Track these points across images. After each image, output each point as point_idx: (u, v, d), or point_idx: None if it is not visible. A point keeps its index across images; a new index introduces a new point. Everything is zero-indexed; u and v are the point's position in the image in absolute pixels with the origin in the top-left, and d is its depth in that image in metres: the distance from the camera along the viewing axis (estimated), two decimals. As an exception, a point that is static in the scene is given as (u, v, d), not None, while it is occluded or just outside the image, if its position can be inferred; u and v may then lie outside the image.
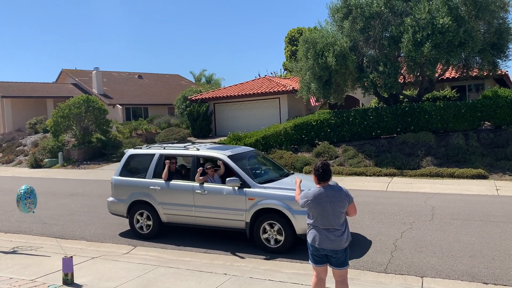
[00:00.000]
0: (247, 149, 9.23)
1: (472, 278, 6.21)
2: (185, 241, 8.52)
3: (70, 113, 23.48)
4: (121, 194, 8.95)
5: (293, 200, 6.95)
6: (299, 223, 7.11)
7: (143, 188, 8.65)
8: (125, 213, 8.91)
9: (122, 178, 9.05)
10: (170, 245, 8.37)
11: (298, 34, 37.18)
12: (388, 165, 15.66)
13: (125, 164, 9.17)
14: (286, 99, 25.25)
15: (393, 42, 16.60)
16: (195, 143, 9.78)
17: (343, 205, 4.74)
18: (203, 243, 8.37)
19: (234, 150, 8.71)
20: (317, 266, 4.84)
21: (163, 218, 8.50)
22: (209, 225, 8.15)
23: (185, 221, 8.37)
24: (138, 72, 43.12)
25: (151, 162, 8.73)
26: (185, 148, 8.82)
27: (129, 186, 8.85)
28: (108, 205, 9.26)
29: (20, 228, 10.23)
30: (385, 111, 17.70)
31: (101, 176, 19.00)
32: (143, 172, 8.86)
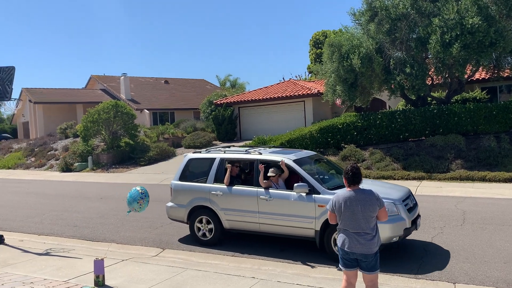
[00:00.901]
0: (310, 153, 8.93)
1: (508, 285, 6.03)
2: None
3: (99, 118, 23.98)
4: (181, 199, 8.72)
5: None
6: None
7: (204, 193, 8.40)
8: (185, 219, 8.67)
9: (182, 183, 8.80)
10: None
11: (322, 37, 37.02)
12: (417, 169, 15.39)
13: (184, 169, 8.92)
14: (311, 102, 25.13)
15: (421, 43, 16.34)
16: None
17: (374, 209, 4.70)
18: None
19: (298, 154, 8.39)
20: (347, 270, 4.80)
21: (226, 225, 8.22)
22: (274, 232, 7.82)
23: (248, 228, 8.06)
24: (164, 78, 43.78)
25: (212, 166, 8.49)
26: (246, 152, 8.54)
27: (189, 191, 8.62)
28: (167, 210, 9.01)
29: (53, 230, 10.51)
30: (413, 114, 17.41)
31: (129, 179, 19.34)
32: (203, 177, 8.64)
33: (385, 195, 7.02)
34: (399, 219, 6.86)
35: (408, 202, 7.37)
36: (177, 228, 9.94)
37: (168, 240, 9.09)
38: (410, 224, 7.02)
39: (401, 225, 6.86)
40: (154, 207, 12.73)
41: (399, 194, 7.36)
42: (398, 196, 7.24)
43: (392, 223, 6.66)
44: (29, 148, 30.01)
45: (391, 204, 6.86)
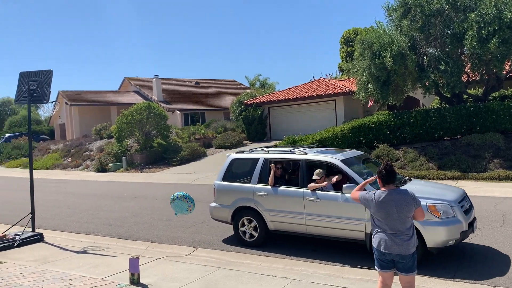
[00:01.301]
0: (357, 152, 8.70)
1: None
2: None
3: (133, 119, 24.48)
4: (224, 200, 8.66)
5: (423, 209, 6.46)
6: (430, 235, 6.48)
7: (248, 193, 8.30)
8: (229, 220, 8.59)
9: (225, 183, 8.72)
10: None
11: (353, 34, 36.52)
12: (452, 168, 14.95)
13: (227, 169, 8.84)
14: (342, 101, 24.84)
15: (456, 39, 15.85)
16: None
17: (410, 209, 4.58)
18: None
19: (346, 154, 8.18)
20: (383, 272, 4.70)
21: (270, 226, 8.09)
22: (321, 234, 7.64)
23: (294, 230, 7.89)
24: (195, 79, 44.27)
25: (256, 166, 8.38)
26: (291, 152, 8.39)
27: (233, 192, 8.54)
28: (211, 210, 8.96)
29: (89, 229, 10.80)
30: (448, 112, 16.92)
31: (162, 179, 19.66)
32: (246, 177, 8.56)
33: (440, 196, 6.85)
34: (455, 221, 6.57)
35: (464, 203, 7.06)
36: (209, 228, 10.03)
37: (201, 239, 9.18)
38: (467, 226, 6.73)
39: (458, 228, 6.58)
40: (186, 206, 12.88)
41: (454, 195, 7.08)
42: (453, 197, 6.96)
43: (448, 226, 6.47)
44: (66, 149, 30.95)
45: (447, 205, 6.63)
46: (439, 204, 6.61)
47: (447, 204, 6.64)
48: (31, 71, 10.00)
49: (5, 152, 32.87)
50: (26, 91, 9.84)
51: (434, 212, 6.53)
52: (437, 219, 6.49)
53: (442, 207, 6.58)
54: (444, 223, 6.48)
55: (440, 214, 6.52)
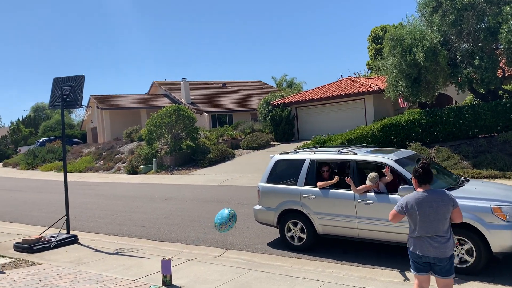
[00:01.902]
0: (410, 152, 8.28)
1: None
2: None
3: (162, 122, 24.81)
4: (269, 202, 8.40)
5: (487, 212, 6.16)
6: (496, 240, 6.09)
7: (294, 196, 8.02)
8: (274, 223, 8.34)
9: (270, 185, 8.47)
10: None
11: (382, 32, 35.97)
12: (488, 167, 14.44)
13: (272, 170, 8.59)
14: (372, 100, 24.42)
15: (490, 33, 15.32)
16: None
17: (448, 210, 4.42)
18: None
19: (398, 154, 7.77)
20: (419, 275, 4.56)
21: (319, 229, 7.79)
22: (375, 239, 7.26)
23: (345, 234, 7.56)
24: (222, 81, 44.57)
25: (302, 168, 8.07)
26: (339, 152, 8.03)
27: (279, 194, 8.26)
28: (255, 213, 8.73)
29: (122, 230, 10.97)
30: (482, 108, 16.37)
31: (191, 181, 19.83)
32: (291, 178, 8.28)
33: (504, 198, 6.49)
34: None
35: None
36: (239, 229, 10.02)
37: (231, 241, 9.17)
38: None
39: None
40: (216, 208, 12.94)
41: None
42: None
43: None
44: (98, 152, 31.66)
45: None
46: (505, 206, 6.19)
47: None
48: (64, 77, 10.24)
49: (40, 156, 33.89)
50: (60, 96, 10.08)
51: (500, 215, 6.12)
52: (503, 222, 6.07)
53: (508, 210, 6.17)
54: (511, 227, 6.06)
55: (507, 217, 6.10)
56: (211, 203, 13.80)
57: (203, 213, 12.16)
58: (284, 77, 49.88)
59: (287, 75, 53.81)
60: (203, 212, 12.39)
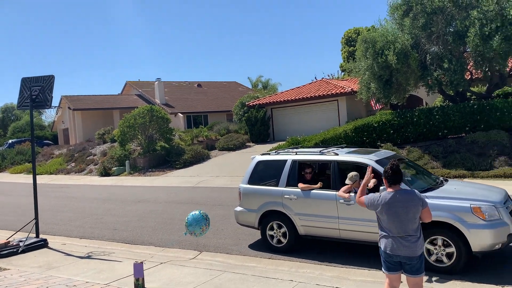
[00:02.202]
0: (390, 153, 8.28)
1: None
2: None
3: (135, 123, 24.48)
4: (251, 204, 8.30)
5: (467, 211, 6.23)
6: (475, 239, 6.14)
7: (276, 197, 7.94)
8: (256, 224, 8.25)
9: (251, 186, 8.37)
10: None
11: (355, 34, 36.48)
12: (457, 166, 14.85)
13: (253, 171, 8.47)
14: (345, 101, 24.76)
15: (458, 37, 15.76)
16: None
17: (417, 210, 4.52)
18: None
19: (379, 154, 7.77)
20: (390, 274, 4.64)
21: (301, 231, 7.73)
22: (356, 239, 7.24)
23: (327, 234, 7.54)
24: (197, 81, 44.31)
25: (283, 169, 8.00)
26: (321, 153, 7.99)
27: (260, 195, 8.18)
28: (236, 215, 8.63)
29: (93, 234, 10.77)
30: (451, 110, 16.83)
31: (165, 182, 19.63)
32: (273, 179, 8.20)
33: (484, 197, 6.57)
34: (501, 224, 6.24)
35: (508, 204, 6.74)
36: (213, 231, 9.97)
37: (205, 243, 9.13)
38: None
39: (504, 231, 6.24)
40: (191, 209, 12.84)
41: (498, 196, 6.77)
42: (498, 198, 6.65)
43: (494, 229, 6.15)
44: (69, 153, 30.98)
45: (492, 207, 6.30)
46: (485, 206, 6.28)
47: (492, 206, 6.32)
48: (33, 77, 9.99)
49: (8, 158, 32.94)
50: (28, 96, 9.83)
51: (479, 214, 6.20)
52: (482, 222, 6.16)
53: (487, 209, 6.26)
54: (490, 226, 6.14)
55: (486, 216, 6.19)
56: (186, 205, 13.70)
57: (177, 215, 12.06)
58: (259, 78, 49.96)
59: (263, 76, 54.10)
60: (177, 214, 12.28)
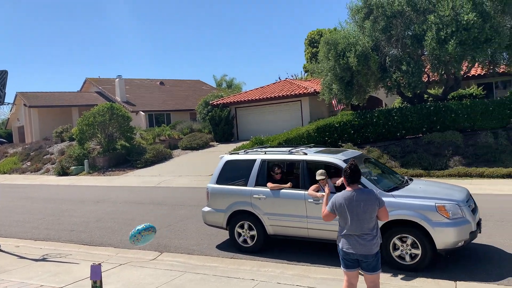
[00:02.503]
0: (356, 152, 8.38)
1: (508, 281, 5.98)
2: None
3: (95, 121, 23.86)
4: (219, 204, 8.18)
5: (432, 210, 6.35)
6: (440, 237, 6.27)
7: (245, 197, 7.86)
8: (224, 224, 8.13)
9: (219, 186, 8.24)
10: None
11: (318, 35, 36.97)
12: (415, 166, 15.35)
13: (221, 171, 8.34)
14: (308, 102, 25.07)
15: (416, 40, 16.30)
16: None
17: (374, 209, 4.61)
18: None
19: (346, 154, 7.81)
20: (348, 271, 4.73)
21: (269, 230, 7.70)
22: (325, 238, 7.20)
23: (295, 234, 7.53)
24: (159, 79, 43.65)
25: (252, 168, 7.93)
26: (290, 152, 7.94)
27: (229, 195, 8.08)
28: (204, 215, 8.49)
29: (49, 235, 10.39)
30: (409, 111, 17.38)
31: (126, 182, 19.23)
32: (241, 179, 8.13)
33: (447, 196, 6.71)
34: (464, 222, 6.38)
35: (471, 203, 6.92)
36: (175, 232, 9.87)
37: (166, 244, 8.99)
38: (475, 227, 6.58)
39: (467, 229, 6.40)
40: (151, 209, 12.64)
41: (461, 194, 6.91)
42: (461, 197, 6.78)
43: (457, 227, 6.30)
44: (25, 152, 29.81)
45: (455, 206, 6.43)
46: (449, 205, 6.42)
47: (456, 204, 6.45)
48: (-16, 72, 9.52)
49: (-42, 157, 31.34)
50: (-21, 92, 9.36)
51: (444, 213, 6.33)
52: (446, 220, 6.29)
53: (451, 208, 6.39)
54: (453, 224, 6.29)
55: (450, 214, 6.33)
56: (147, 205, 13.46)
57: (138, 216, 11.83)
58: (224, 77, 49.72)
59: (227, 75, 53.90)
60: (138, 214, 12.05)
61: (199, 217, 11.00)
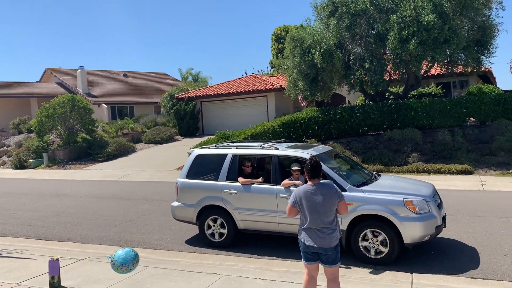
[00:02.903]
0: (327, 148, 8.42)
1: (460, 273, 6.27)
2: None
3: (55, 112, 23.14)
4: (189, 199, 8.09)
5: (400, 205, 6.48)
6: (407, 231, 6.40)
7: (216, 191, 7.81)
8: (193, 219, 8.05)
9: (189, 181, 8.14)
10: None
11: (284, 32, 37.17)
12: (375, 162, 15.75)
13: (191, 165, 8.25)
14: (274, 97, 25.23)
15: (379, 39, 16.67)
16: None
17: (333, 203, 4.72)
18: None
19: (317, 149, 7.85)
20: (308, 264, 4.82)
21: (240, 225, 7.67)
22: (295, 232, 7.15)
23: (266, 228, 7.52)
24: (123, 71, 42.73)
25: (224, 163, 7.88)
26: (261, 147, 7.93)
27: (199, 190, 8.00)
28: (173, 210, 8.34)
29: (4, 230, 10.03)
30: (371, 108, 17.79)
31: (87, 176, 18.77)
32: (212, 174, 8.06)
33: (415, 192, 6.85)
34: (430, 216, 6.54)
35: (436, 198, 7.08)
36: (137, 226, 9.75)
37: (128, 238, 8.87)
38: (441, 221, 6.75)
39: (433, 223, 6.56)
40: (113, 204, 12.41)
41: (428, 190, 7.08)
42: (427, 192, 6.94)
43: (424, 221, 6.44)
44: (-21, 144, 28.53)
45: (422, 201, 6.58)
46: (416, 200, 6.57)
47: (423, 199, 6.61)
48: None
49: None
50: None
51: (411, 208, 6.47)
52: (414, 215, 6.44)
53: (419, 203, 6.54)
54: (420, 219, 6.44)
55: (417, 209, 6.47)
56: (108, 199, 13.20)
57: (99, 210, 11.60)
58: (189, 70, 49.22)
59: (193, 69, 53.30)
60: (99, 209, 11.80)
61: (162, 211, 10.96)
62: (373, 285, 5.89)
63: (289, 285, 5.96)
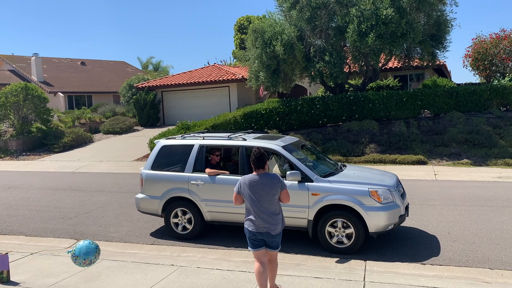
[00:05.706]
0: (294, 138, 8.36)
1: (411, 259, 6.52)
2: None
3: (7, 101, 22.16)
4: (154, 191, 7.93)
5: (365, 195, 6.59)
6: (372, 220, 6.53)
7: (182, 183, 7.69)
8: (159, 212, 7.92)
9: (155, 172, 7.98)
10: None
11: (247, 22, 37.06)
12: (334, 152, 16.05)
13: (157, 157, 8.08)
14: (236, 88, 25.15)
15: (339, 32, 16.91)
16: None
17: (276, 192, 4.97)
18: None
19: (284, 140, 7.87)
20: (256, 251, 5.04)
21: (207, 217, 7.60)
22: None
23: (233, 219, 7.44)
24: (80, 59, 41.38)
25: (190, 154, 7.77)
26: (228, 138, 7.84)
27: (165, 181, 7.85)
28: (137, 202, 8.16)
29: (-49, 224, 9.55)
30: (331, 100, 18.08)
31: (41, 167, 18.12)
32: (178, 165, 7.91)
33: (379, 182, 6.96)
34: (394, 206, 6.70)
35: (400, 188, 7.27)
36: (93, 218, 9.53)
37: (83, 231, 8.66)
38: (404, 210, 6.92)
39: (397, 212, 6.71)
40: (69, 196, 12.06)
41: (391, 180, 7.21)
42: (391, 182, 7.07)
43: (388, 211, 6.58)
44: None
45: (387, 191, 6.72)
46: (381, 190, 6.69)
47: (387, 189, 6.75)
48: None
49: None
50: None
51: (376, 198, 6.59)
52: (378, 204, 6.56)
53: (383, 193, 6.68)
54: (384, 208, 6.57)
55: (382, 199, 6.60)
56: (63, 191, 12.81)
57: (53, 203, 11.24)
58: (150, 59, 48.36)
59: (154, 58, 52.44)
60: (53, 201, 11.44)
61: (119, 203, 10.76)
62: (327, 273, 6.03)
63: (246, 274, 6.02)
